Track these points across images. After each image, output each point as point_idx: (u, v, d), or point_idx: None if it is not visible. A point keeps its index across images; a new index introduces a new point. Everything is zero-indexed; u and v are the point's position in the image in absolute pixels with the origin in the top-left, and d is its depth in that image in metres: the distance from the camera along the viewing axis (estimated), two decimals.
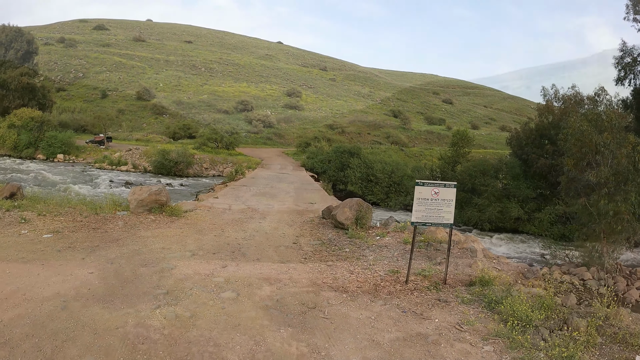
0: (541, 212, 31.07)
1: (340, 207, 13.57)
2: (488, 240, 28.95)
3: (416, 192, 7.50)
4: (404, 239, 11.48)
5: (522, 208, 31.55)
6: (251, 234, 11.82)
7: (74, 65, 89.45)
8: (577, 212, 23.21)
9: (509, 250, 26.70)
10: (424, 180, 7.19)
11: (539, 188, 32.44)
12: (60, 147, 47.61)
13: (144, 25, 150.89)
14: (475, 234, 30.36)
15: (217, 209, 16.25)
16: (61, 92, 79.28)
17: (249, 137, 66.77)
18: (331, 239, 11.73)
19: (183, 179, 41.37)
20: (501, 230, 31.47)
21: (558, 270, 22.86)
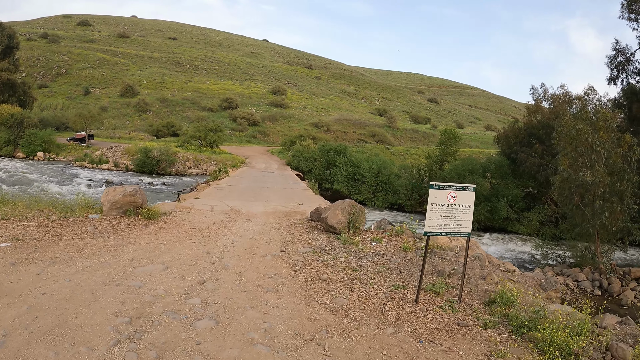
0: (530, 211, 30.39)
1: (331, 209, 12.30)
2: (478, 240, 28.05)
3: (430, 196, 6.24)
4: (403, 246, 10.24)
5: (511, 208, 30.77)
6: (234, 240, 10.47)
7: (57, 62, 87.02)
8: (569, 212, 22.48)
9: (499, 250, 25.90)
10: (439, 182, 5.90)
11: (528, 187, 31.72)
12: (41, 145, 45.87)
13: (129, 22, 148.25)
14: None
15: (199, 210, 14.89)
16: (43, 88, 77.18)
17: (233, 135, 65.27)
18: (322, 245, 10.44)
19: (165, 177, 39.93)
20: (490, 230, 30.66)
21: (551, 271, 21.95)
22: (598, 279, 20.09)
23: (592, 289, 19.33)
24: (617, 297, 18.79)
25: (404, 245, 10.26)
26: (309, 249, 9.88)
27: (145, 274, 7.38)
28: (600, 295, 18.85)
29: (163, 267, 7.82)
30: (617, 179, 20.11)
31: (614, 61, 24.98)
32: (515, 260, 23.66)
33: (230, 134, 64.26)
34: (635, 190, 20.25)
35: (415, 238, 11.88)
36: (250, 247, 9.91)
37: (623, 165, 20.21)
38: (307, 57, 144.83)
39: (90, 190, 29.53)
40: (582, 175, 20.35)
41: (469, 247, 11.13)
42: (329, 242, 10.86)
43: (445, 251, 9.89)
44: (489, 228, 30.82)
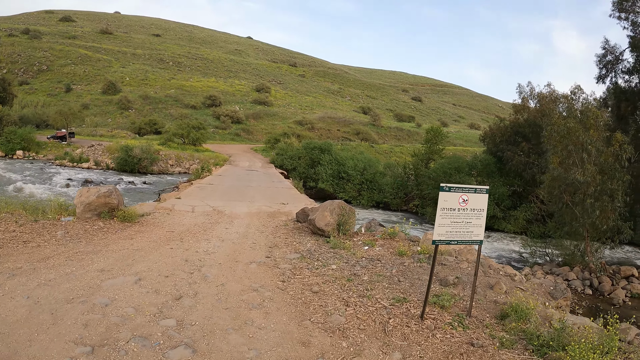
0: (517, 210, 29.98)
1: (319, 210, 11.45)
2: None
3: (440, 199, 5.42)
4: (398, 250, 9.43)
5: (498, 206, 30.29)
6: (216, 245, 9.55)
7: (38, 58, 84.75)
8: (559, 210, 22.02)
9: (487, 249, 25.38)
10: (450, 184, 5.08)
11: (514, 186, 31.31)
12: (20, 143, 44.36)
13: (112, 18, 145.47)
14: None
15: (179, 211, 13.94)
16: (24, 85, 75.14)
17: (216, 133, 64.07)
18: (311, 249, 9.59)
19: (147, 176, 38.73)
20: None
21: (540, 270, 21.45)
22: (588, 277, 19.76)
23: (583, 288, 18.97)
24: (608, 296, 18.43)
25: (399, 249, 9.46)
26: (297, 255, 9.02)
27: (115, 287, 6.45)
28: (591, 295, 18.51)
29: (135, 278, 6.89)
30: (608, 178, 19.66)
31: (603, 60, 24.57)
32: (503, 259, 23.20)
33: (213, 132, 63.05)
34: (625, 189, 19.81)
35: (409, 241, 11.10)
36: (233, 253, 9.01)
37: (614, 163, 19.75)
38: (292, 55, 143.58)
39: (69, 190, 28.32)
40: (573, 174, 19.88)
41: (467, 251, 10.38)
42: (318, 246, 10.02)
43: (444, 256, 9.10)
44: None
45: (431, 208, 31.57)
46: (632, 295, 18.46)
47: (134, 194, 29.12)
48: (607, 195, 19.62)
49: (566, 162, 20.56)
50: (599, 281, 19.35)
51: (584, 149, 20.05)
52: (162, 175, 40.56)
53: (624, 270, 20.24)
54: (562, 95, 31.10)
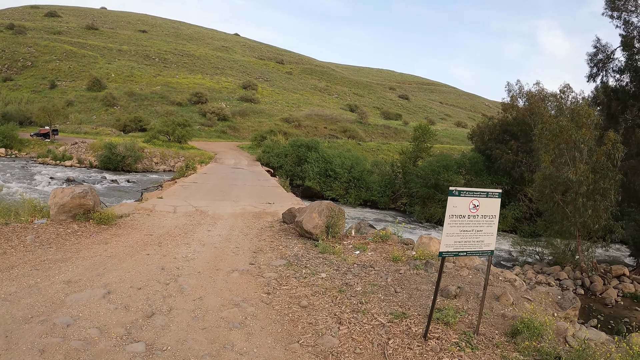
0: (505, 208, 29.61)
1: (307, 212, 10.71)
2: None
3: (449, 205, 4.70)
4: (392, 255, 8.72)
5: None
6: (196, 251, 8.77)
7: (23, 54, 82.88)
8: (550, 209, 21.61)
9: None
10: (460, 188, 4.37)
11: (503, 184, 30.96)
12: (2, 141, 43.45)
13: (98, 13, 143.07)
14: (438, 230, 28.42)
15: (160, 212, 13.10)
16: (8, 81, 73.55)
17: (202, 131, 63.02)
18: (298, 255, 8.85)
19: (131, 174, 37.81)
20: None
21: (531, 269, 21.00)
22: (580, 277, 19.45)
23: (575, 288, 18.59)
24: (600, 296, 18.07)
25: (393, 255, 8.75)
26: (283, 261, 8.26)
27: (80, 303, 5.66)
28: (583, 295, 18.16)
29: (104, 292, 6.10)
30: (600, 177, 19.24)
31: (594, 59, 24.11)
32: (493, 259, 22.76)
33: (199, 129, 62.02)
34: (617, 189, 19.41)
35: (402, 244, 10.41)
36: (214, 259, 8.24)
37: (606, 162, 19.32)
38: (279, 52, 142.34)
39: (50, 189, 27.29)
40: (565, 173, 19.45)
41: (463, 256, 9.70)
42: (306, 250, 9.29)
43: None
44: None
45: (419, 207, 31.09)
46: (624, 294, 18.21)
47: (116, 192, 28.16)
48: (599, 194, 19.20)
49: (558, 161, 20.12)
50: (590, 281, 19.08)
51: (577, 148, 19.62)
52: (146, 173, 39.63)
53: (615, 270, 20.00)
54: (551, 94, 30.85)
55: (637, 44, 22.52)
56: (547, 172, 20.04)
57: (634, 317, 16.25)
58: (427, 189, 30.78)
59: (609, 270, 20.16)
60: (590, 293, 18.43)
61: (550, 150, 20.35)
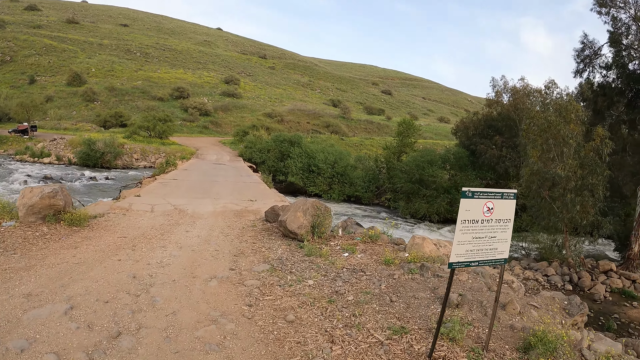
0: None
1: (291, 211, 9.99)
2: (438, 232, 26.65)
3: (461, 209, 4.00)
4: (384, 258, 8.04)
5: None
6: (172, 255, 7.99)
7: (1, 48, 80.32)
8: (537, 205, 21.28)
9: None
10: (473, 189, 3.67)
11: (487, 179, 30.68)
12: None
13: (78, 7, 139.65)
14: (424, 226, 27.99)
15: (136, 212, 12.27)
16: None
17: (184, 126, 61.75)
18: (283, 258, 8.12)
19: (110, 171, 36.58)
20: (450, 222, 29.42)
21: (518, 265, 20.60)
22: (567, 273, 19.11)
23: (563, 284, 18.31)
24: (589, 292, 17.76)
25: (385, 257, 8.07)
26: (267, 266, 7.53)
27: (39, 321, 4.87)
28: (571, 291, 17.84)
29: (67, 306, 5.31)
30: (589, 173, 18.89)
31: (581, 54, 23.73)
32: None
33: (181, 124, 60.75)
34: (605, 184, 19.10)
35: (393, 244, 9.75)
36: (191, 264, 7.47)
37: (595, 158, 18.97)
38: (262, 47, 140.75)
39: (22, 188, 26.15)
40: (553, 168, 19.05)
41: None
42: (291, 252, 8.57)
43: (437, 265, 7.77)
44: (448, 220, 29.53)
45: (404, 202, 30.63)
46: (612, 290, 17.98)
47: (94, 190, 27.08)
48: (587, 190, 18.87)
49: (546, 156, 19.73)
50: (578, 276, 18.78)
51: (565, 143, 19.23)
52: (126, 169, 38.45)
53: (603, 265, 19.71)
54: (535, 90, 30.60)
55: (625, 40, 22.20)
56: (535, 167, 19.62)
57: (623, 313, 16.02)
58: (412, 184, 30.30)
59: (597, 265, 19.92)
60: (578, 289, 18.15)
61: (538, 146, 19.95)
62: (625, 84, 22.61)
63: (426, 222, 29.04)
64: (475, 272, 7.42)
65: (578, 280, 18.51)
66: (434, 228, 27.80)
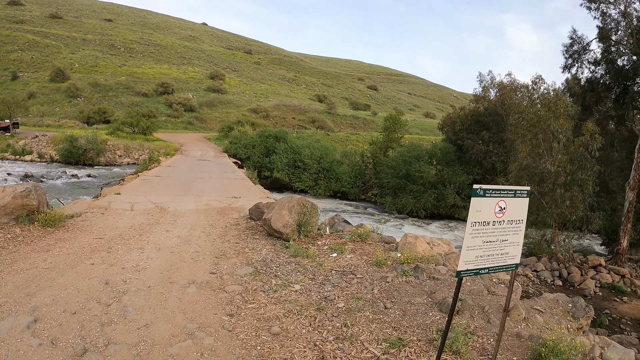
0: None
1: (275, 208, 9.43)
2: (425, 228, 26.32)
3: (472, 210, 3.44)
4: (376, 259, 7.51)
5: (458, 194, 29.30)
6: (149, 257, 7.38)
7: None
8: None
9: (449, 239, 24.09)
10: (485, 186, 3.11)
11: (474, 174, 30.43)
12: None
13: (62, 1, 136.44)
14: (411, 221, 27.64)
15: (115, 210, 11.63)
16: None
17: (168, 122, 60.61)
18: (267, 259, 7.56)
19: (93, 168, 35.63)
20: (436, 218, 29.13)
21: None
22: (557, 268, 18.88)
23: (553, 279, 18.12)
24: (579, 287, 17.54)
25: (376, 258, 7.54)
26: (250, 269, 6.96)
27: None
28: (561, 286, 17.67)
29: (31, 319, 4.70)
30: (578, 168, 18.63)
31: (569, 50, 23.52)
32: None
33: (165, 120, 59.63)
34: (595, 180, 18.88)
35: (384, 243, 9.24)
36: (169, 268, 6.87)
37: (584, 153, 18.72)
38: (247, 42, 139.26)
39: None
40: (543, 163, 18.75)
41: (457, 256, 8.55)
42: (276, 253, 8.02)
43: (432, 266, 7.27)
44: (435, 215, 29.27)
45: (390, 197, 30.24)
46: (601, 285, 17.84)
47: (76, 188, 26.21)
48: (577, 185, 18.60)
49: (535, 151, 19.43)
50: (568, 272, 18.53)
51: (554, 138, 18.94)
52: (109, 166, 37.52)
53: (592, 260, 19.50)
54: (522, 85, 30.38)
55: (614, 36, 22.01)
56: (524, 162, 19.30)
57: (614, 308, 15.85)
58: (399, 179, 29.91)
59: (586, 260, 19.74)
60: (568, 284, 17.93)
61: (527, 141, 19.65)
62: (614, 80, 22.49)
63: (413, 217, 28.71)
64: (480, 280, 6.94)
65: (568, 276, 18.32)
66: (421, 223, 27.48)
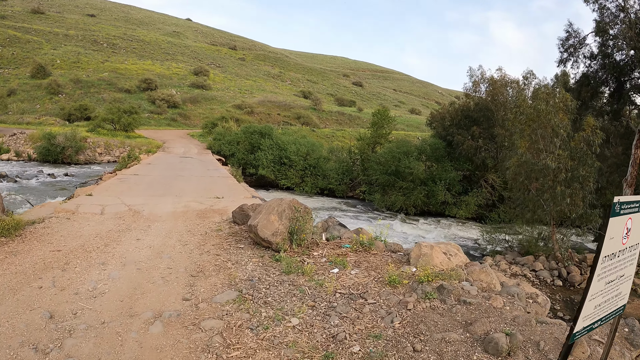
0: (468, 195, 28.01)
1: (263, 213, 7.93)
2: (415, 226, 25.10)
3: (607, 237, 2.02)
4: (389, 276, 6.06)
5: (449, 191, 28.15)
6: (110, 277, 5.86)
7: None
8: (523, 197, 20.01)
9: (440, 237, 23.28)
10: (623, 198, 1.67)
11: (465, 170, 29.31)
12: None
13: None
14: (400, 219, 26.43)
15: (83, 214, 10.08)
16: None
17: (152, 118, 58.69)
18: (254, 277, 6.09)
19: (72, 166, 33.76)
20: (426, 215, 27.94)
21: (503, 260, 19.05)
22: (556, 267, 17.66)
23: (552, 279, 16.92)
24: (579, 287, 16.35)
25: (388, 274, 6.13)
26: (233, 293, 5.47)
27: None
28: (561, 286, 16.47)
29: None
30: (579, 164, 17.49)
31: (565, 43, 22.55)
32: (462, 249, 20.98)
33: (148, 117, 57.70)
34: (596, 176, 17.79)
35: (390, 252, 7.82)
36: (132, 293, 5.36)
37: (585, 149, 17.58)
38: (231, 38, 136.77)
39: None
40: (543, 159, 17.56)
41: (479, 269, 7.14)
42: (264, 268, 6.55)
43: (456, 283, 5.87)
44: (425, 213, 28.05)
45: (379, 194, 28.99)
46: None
47: (51, 189, 24.32)
48: (578, 182, 17.47)
49: (534, 147, 18.24)
50: (567, 271, 17.30)
51: (555, 133, 17.76)
52: (89, 165, 35.65)
53: (591, 258, 18.57)
54: (513, 80, 29.36)
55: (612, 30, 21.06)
56: (524, 158, 18.10)
57: None
58: (388, 176, 28.63)
59: (584, 259, 18.67)
60: (569, 284, 16.71)
61: (526, 136, 18.45)
62: (611, 74, 21.63)
63: (402, 214, 27.50)
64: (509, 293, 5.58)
65: (567, 276, 17.11)
66: (412, 221, 26.28)
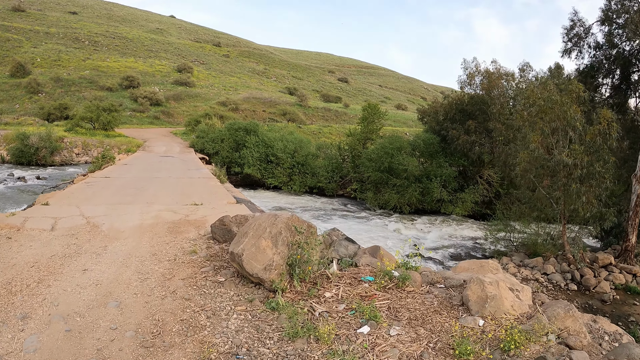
0: (464, 192, 26.26)
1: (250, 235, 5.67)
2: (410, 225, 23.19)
3: None
4: (456, 343, 3.97)
5: (445, 188, 26.34)
6: (23, 349, 3.70)
7: None
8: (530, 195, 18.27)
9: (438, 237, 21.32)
10: None
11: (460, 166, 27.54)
12: None
13: None
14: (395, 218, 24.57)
15: (29, 231, 7.92)
16: None
17: (134, 117, 56.00)
18: (241, 347, 3.97)
19: (46, 168, 31.21)
20: (421, 213, 26.13)
21: (510, 262, 17.17)
22: (568, 270, 16.11)
23: (566, 283, 15.49)
24: (594, 291, 14.97)
25: (454, 339, 4.01)
26: None
27: None
28: (576, 290, 15.06)
29: None
30: (595, 160, 15.64)
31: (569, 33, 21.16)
32: (458, 247, 19.72)
33: (130, 115, 55.04)
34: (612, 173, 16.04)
35: (428, 285, 5.69)
36: None
37: (602, 144, 15.74)
38: (216, 35, 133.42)
39: None
40: (558, 155, 15.64)
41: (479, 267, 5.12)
42: (256, 329, 4.41)
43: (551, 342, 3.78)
44: (420, 211, 26.23)
45: (372, 193, 27.09)
46: (615, 287, 15.36)
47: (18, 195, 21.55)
48: (594, 179, 15.62)
49: (547, 141, 16.33)
50: (580, 274, 15.78)
51: (570, 127, 15.87)
52: (64, 166, 33.10)
53: (602, 259, 16.79)
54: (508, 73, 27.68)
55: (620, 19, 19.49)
56: (536, 154, 16.18)
57: (636, 313, 13.37)
58: (380, 173, 26.69)
59: (595, 259, 17.00)
60: (583, 288, 15.19)
61: (538, 129, 16.54)
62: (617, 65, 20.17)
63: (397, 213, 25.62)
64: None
65: (581, 279, 15.54)
66: (406, 220, 24.38)
